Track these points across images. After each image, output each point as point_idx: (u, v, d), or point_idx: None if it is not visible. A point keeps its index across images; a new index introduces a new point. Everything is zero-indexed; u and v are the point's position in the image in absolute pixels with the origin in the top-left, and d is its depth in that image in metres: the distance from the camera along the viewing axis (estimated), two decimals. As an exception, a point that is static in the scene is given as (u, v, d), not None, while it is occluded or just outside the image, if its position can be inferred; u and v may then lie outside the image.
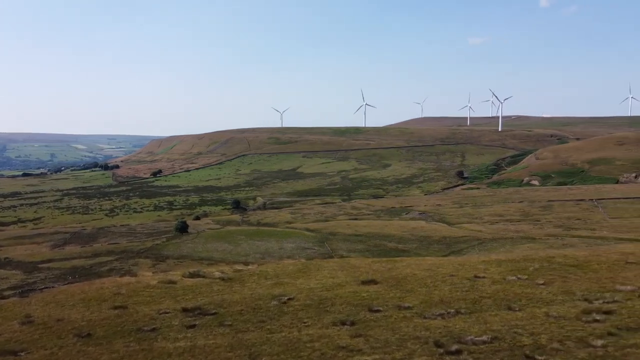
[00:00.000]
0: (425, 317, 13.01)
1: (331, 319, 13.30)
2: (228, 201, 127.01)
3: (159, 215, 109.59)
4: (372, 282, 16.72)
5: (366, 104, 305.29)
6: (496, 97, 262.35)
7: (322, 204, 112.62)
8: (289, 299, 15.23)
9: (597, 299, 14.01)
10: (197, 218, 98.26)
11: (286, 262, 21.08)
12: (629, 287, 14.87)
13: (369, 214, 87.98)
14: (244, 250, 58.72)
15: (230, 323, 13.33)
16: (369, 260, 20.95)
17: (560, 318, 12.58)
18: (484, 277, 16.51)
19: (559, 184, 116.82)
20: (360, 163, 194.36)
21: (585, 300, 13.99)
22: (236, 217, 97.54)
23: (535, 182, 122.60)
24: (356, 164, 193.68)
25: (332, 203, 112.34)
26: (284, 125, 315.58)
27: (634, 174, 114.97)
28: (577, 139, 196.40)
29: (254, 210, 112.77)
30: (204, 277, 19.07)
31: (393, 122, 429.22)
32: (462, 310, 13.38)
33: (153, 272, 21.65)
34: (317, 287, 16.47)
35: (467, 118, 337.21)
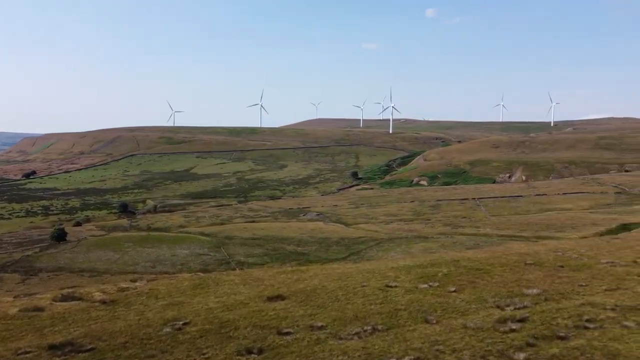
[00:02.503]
0: (340, 338, 11.78)
1: (235, 346, 11.55)
2: (114, 204, 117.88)
3: (31, 222, 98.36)
4: (279, 297, 15.20)
5: (261, 105, 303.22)
6: (388, 101, 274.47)
7: (217, 206, 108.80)
8: (184, 323, 13.17)
9: (508, 305, 13.83)
10: (78, 224, 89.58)
11: (180, 277, 18.80)
12: (534, 291, 14.96)
13: (266, 216, 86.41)
14: (132, 258, 54.08)
15: (111, 361, 11.02)
16: (273, 271, 19.41)
17: (478, 329, 12.07)
18: (395, 286, 15.77)
19: (445, 183, 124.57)
20: (257, 164, 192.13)
21: (498, 307, 13.73)
22: (124, 221, 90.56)
23: (424, 182, 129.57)
24: (252, 164, 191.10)
25: (228, 205, 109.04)
26: (176, 125, 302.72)
27: (507, 174, 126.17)
28: (459, 141, 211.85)
29: (143, 214, 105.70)
30: (80, 299, 16.21)
31: (289, 123, 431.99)
32: (379, 327, 12.37)
33: (14, 297, 18.10)
34: (217, 307, 14.57)
35: (360, 120, 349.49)
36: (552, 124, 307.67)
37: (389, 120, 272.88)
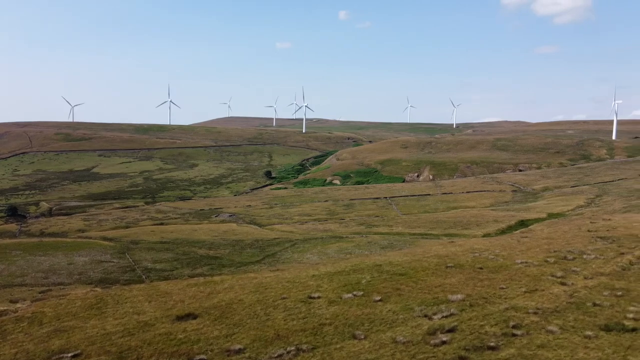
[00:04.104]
0: (261, 363, 10.48)
1: (137, 382, 9.84)
2: (1, 208, 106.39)
3: None
4: (190, 315, 13.55)
5: (171, 101, 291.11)
6: (301, 100, 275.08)
7: (122, 208, 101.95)
8: (74, 355, 11.14)
9: (435, 314, 13.33)
10: (-44, 230, 79.31)
11: (73, 296, 16.36)
12: (459, 296, 14.66)
13: (176, 218, 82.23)
14: (21, 269, 48.37)
15: (-27, 413, 8.85)
16: (182, 284, 17.57)
17: (408, 343, 11.36)
18: (318, 297, 14.74)
19: (357, 183, 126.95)
20: (166, 163, 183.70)
21: (425, 316, 13.18)
22: (12, 226, 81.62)
23: (337, 182, 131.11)
24: (161, 163, 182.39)
25: (135, 207, 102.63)
26: (75, 120, 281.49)
27: (416, 174, 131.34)
28: (370, 141, 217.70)
29: (36, 218, 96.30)
30: (-58, 329, 13.39)
31: (200, 121, 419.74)
32: (304, 347, 11.24)
33: None
34: (116, 332, 12.61)
35: (273, 119, 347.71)
36: (454, 126, 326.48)
37: (302, 119, 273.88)
